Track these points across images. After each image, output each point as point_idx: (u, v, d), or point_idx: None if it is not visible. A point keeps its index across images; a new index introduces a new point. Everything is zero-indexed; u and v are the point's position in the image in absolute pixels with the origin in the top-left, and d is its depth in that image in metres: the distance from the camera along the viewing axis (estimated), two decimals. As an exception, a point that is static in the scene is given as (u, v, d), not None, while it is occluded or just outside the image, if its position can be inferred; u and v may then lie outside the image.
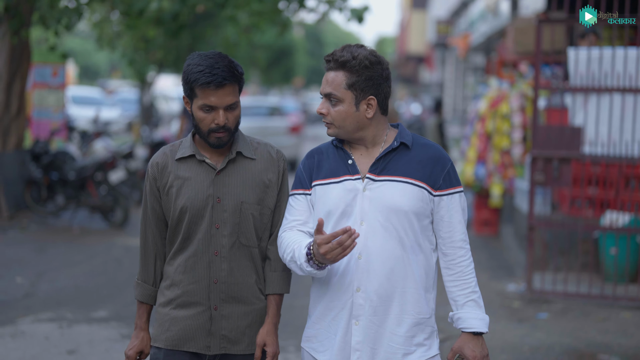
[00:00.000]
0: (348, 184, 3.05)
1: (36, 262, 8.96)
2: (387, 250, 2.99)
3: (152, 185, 3.29)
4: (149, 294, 3.34)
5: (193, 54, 3.21)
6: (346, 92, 3.01)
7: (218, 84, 3.08)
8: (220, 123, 3.12)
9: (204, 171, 3.23)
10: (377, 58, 3.02)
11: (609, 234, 8.03)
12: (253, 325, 3.27)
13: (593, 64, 7.69)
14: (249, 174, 3.25)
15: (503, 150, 10.95)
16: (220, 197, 3.21)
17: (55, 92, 15.55)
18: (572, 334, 6.73)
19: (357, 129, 3.05)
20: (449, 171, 3.07)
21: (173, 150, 3.31)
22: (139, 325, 3.34)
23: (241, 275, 3.24)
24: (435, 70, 38.41)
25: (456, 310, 3.04)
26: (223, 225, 3.21)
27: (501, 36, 16.51)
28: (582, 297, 7.75)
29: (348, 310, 3.02)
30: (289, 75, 44.83)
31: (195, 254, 3.22)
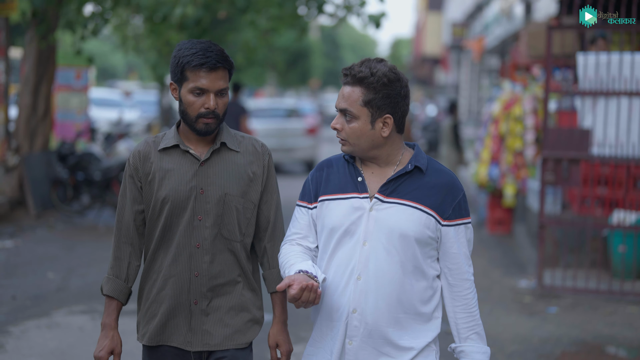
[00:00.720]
0: (355, 202, 2.98)
1: (66, 259, 9.34)
2: (388, 274, 2.93)
3: (133, 175, 3.21)
4: (120, 290, 3.23)
5: (183, 42, 3.18)
6: (362, 109, 2.92)
7: (212, 66, 3.06)
8: (210, 107, 3.08)
9: (188, 162, 3.18)
10: (396, 75, 2.93)
11: (617, 232, 8.32)
12: (233, 320, 3.21)
13: (601, 68, 7.99)
14: (233, 166, 3.21)
15: (516, 151, 11.24)
16: (204, 189, 3.16)
17: (78, 95, 15.97)
18: (580, 327, 7.05)
19: (371, 147, 2.97)
20: (460, 201, 2.99)
21: (156, 141, 3.24)
22: (107, 323, 3.22)
23: (223, 269, 3.18)
24: (451, 72, 38.67)
25: (459, 343, 3.00)
26: (206, 216, 3.15)
27: (515, 39, 16.79)
28: (591, 292, 8.05)
29: (343, 330, 2.97)
30: (306, 77, 45.22)
31: (177, 247, 3.16)
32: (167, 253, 3.17)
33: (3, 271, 8.66)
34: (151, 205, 3.17)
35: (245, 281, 3.23)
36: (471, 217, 3.14)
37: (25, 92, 12.46)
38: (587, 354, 6.43)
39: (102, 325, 3.20)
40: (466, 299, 2.98)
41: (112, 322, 3.20)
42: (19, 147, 12.29)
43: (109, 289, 3.22)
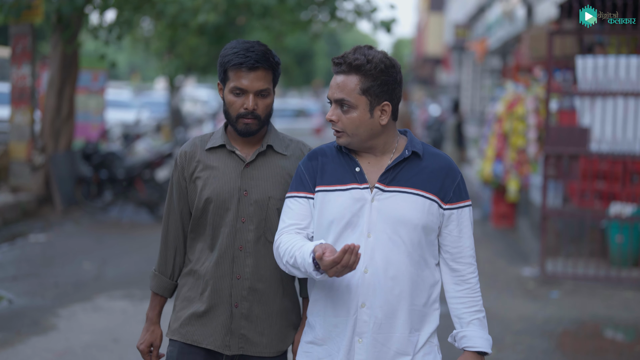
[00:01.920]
0: (356, 193, 2.89)
1: (98, 251, 9.94)
2: (395, 265, 2.85)
3: (180, 175, 3.22)
4: (165, 287, 3.28)
5: (231, 41, 3.16)
6: (360, 98, 2.84)
7: (251, 65, 3.02)
8: (249, 108, 3.05)
9: (233, 162, 3.16)
10: (391, 61, 2.87)
11: (614, 223, 8.93)
12: (273, 326, 3.18)
13: (599, 70, 8.59)
14: (278, 169, 3.17)
15: (519, 148, 11.84)
16: (248, 190, 3.13)
17: (96, 97, 16.60)
18: (579, 309, 7.66)
19: (370, 136, 2.90)
20: (459, 184, 2.94)
21: (203, 140, 3.24)
22: (150, 317, 3.29)
23: (265, 273, 3.15)
24: (452, 72, 39.21)
25: (460, 328, 2.94)
26: (249, 219, 3.12)
27: (517, 41, 17.39)
28: (590, 279, 8.65)
29: (351, 327, 2.88)
30: (310, 78, 45.89)
31: (220, 248, 3.14)
32: (209, 254, 3.16)
33: (41, 262, 9.28)
34: (195, 204, 3.17)
35: (285, 286, 3.21)
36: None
37: (50, 95, 13.06)
38: (586, 332, 7.06)
39: (146, 316, 3.30)
40: (470, 283, 2.93)
41: (154, 316, 3.28)
42: (44, 146, 12.89)
43: (154, 285, 3.29)
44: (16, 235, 10.71)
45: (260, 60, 3.04)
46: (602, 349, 6.63)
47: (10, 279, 8.35)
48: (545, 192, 8.95)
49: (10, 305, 7.39)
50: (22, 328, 6.66)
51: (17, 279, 8.37)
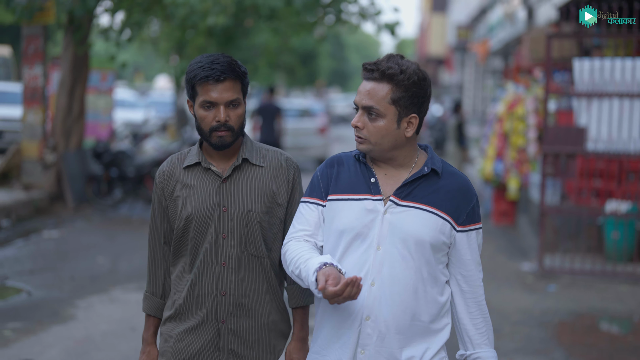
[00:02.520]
0: (368, 204, 2.87)
1: (110, 246, 10.27)
2: (403, 280, 2.83)
3: (160, 195, 3.21)
4: (157, 307, 3.25)
5: (195, 57, 3.18)
6: (389, 107, 2.81)
7: (217, 77, 3.03)
8: (221, 119, 3.04)
9: (210, 179, 3.14)
10: (423, 74, 2.85)
11: (610, 220, 9.23)
12: (262, 339, 3.18)
13: (595, 72, 8.90)
14: (256, 182, 3.15)
15: (519, 148, 12.15)
16: (227, 206, 3.11)
17: (104, 97, 16.94)
18: (576, 302, 7.98)
19: (393, 147, 2.87)
20: (474, 206, 2.93)
21: (180, 159, 3.23)
22: (145, 339, 3.27)
23: (251, 287, 3.14)
24: (455, 73, 39.52)
25: (473, 350, 2.93)
26: (230, 234, 3.11)
27: (518, 43, 17.69)
28: (586, 273, 8.96)
29: (355, 339, 2.86)
30: (313, 78, 46.18)
31: (202, 266, 3.13)
32: (193, 272, 3.14)
33: (56, 257, 9.60)
34: (176, 223, 3.16)
35: (273, 298, 3.20)
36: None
37: (61, 94, 13.39)
38: (581, 323, 7.37)
39: (142, 338, 3.28)
40: (480, 304, 2.93)
41: (149, 337, 3.26)
42: (56, 145, 13.22)
43: (146, 307, 3.27)
44: (30, 232, 11.04)
45: (226, 71, 3.04)
46: (596, 339, 6.95)
47: (28, 273, 8.68)
48: (543, 190, 9.26)
49: (30, 297, 7.72)
50: (43, 318, 6.99)
51: (34, 273, 8.70)
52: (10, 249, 9.98)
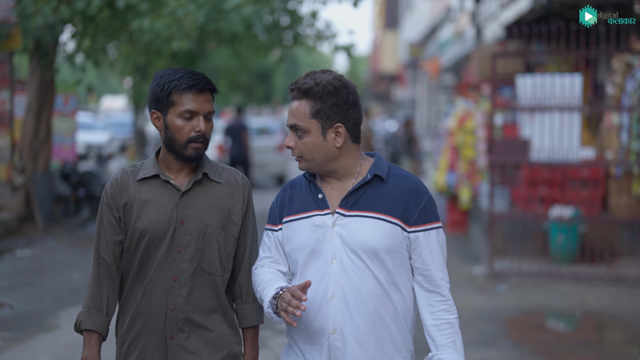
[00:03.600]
0: (317, 220, 2.90)
1: (83, 262, 10.71)
2: (362, 290, 2.85)
3: (110, 205, 3.12)
4: (102, 323, 3.11)
5: (162, 71, 3.12)
6: (311, 122, 2.85)
7: (201, 88, 3.02)
8: (202, 130, 3.02)
9: (168, 192, 3.10)
10: (342, 82, 2.87)
11: (555, 224, 9.92)
12: (215, 356, 3.13)
13: (537, 88, 9.61)
14: (213, 198, 3.13)
15: (470, 160, 12.84)
16: (184, 220, 3.08)
17: (67, 119, 17.31)
18: (523, 300, 8.63)
19: (327, 160, 2.89)
20: (426, 205, 2.90)
21: (134, 171, 3.15)
22: (91, 356, 3.08)
23: (201, 303, 3.10)
24: (408, 89, 40.37)
25: (436, 352, 2.89)
26: (185, 249, 3.08)
27: (467, 60, 18.47)
28: (534, 274, 9.63)
29: (326, 353, 2.89)
30: (269, 96, 46.84)
31: (153, 280, 3.08)
32: (143, 286, 3.09)
33: (33, 273, 10.04)
34: (128, 236, 3.10)
35: (223, 316, 3.17)
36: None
37: (28, 118, 13.79)
38: (528, 318, 8.04)
39: (83, 358, 3.08)
40: (445, 305, 2.90)
41: (94, 354, 3.09)
42: (24, 167, 13.62)
43: (90, 324, 3.10)
44: (3, 251, 11.43)
45: (208, 83, 3.06)
46: (542, 332, 7.61)
47: (7, 289, 9.11)
48: (492, 198, 9.93)
49: (12, 311, 8.16)
50: (29, 328, 7.45)
51: (13, 288, 9.14)
52: (-14, 268, 10.40)
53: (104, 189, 3.16)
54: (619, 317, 8.06)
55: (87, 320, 3.12)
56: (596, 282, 9.27)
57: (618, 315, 8.11)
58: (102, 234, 3.15)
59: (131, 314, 3.12)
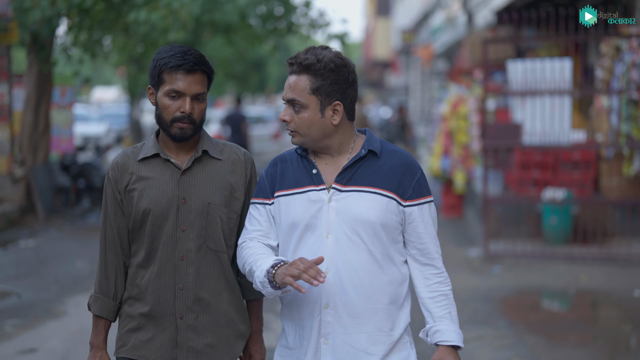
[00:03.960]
0: (312, 195, 2.90)
1: (86, 252, 10.92)
2: (356, 264, 2.86)
3: (113, 188, 3.12)
4: (109, 309, 3.14)
5: (163, 46, 3.11)
6: (310, 98, 2.86)
7: (189, 68, 2.98)
8: (186, 111, 2.99)
9: (169, 171, 3.09)
10: (343, 61, 2.89)
11: (548, 206, 10.14)
12: (222, 337, 3.13)
13: (528, 73, 9.81)
14: (215, 175, 3.12)
15: (464, 144, 13.04)
16: (186, 198, 3.07)
17: (64, 111, 17.47)
18: (517, 280, 8.86)
19: (322, 136, 2.91)
20: (419, 180, 2.94)
21: (135, 152, 3.15)
22: (96, 344, 3.13)
23: (209, 282, 3.10)
24: (401, 75, 40.52)
25: (433, 323, 2.92)
26: (189, 227, 3.06)
27: (459, 46, 18.64)
28: (527, 255, 9.85)
29: (317, 329, 2.89)
30: (263, 85, 46.97)
31: (160, 259, 3.07)
32: (150, 266, 3.09)
33: (37, 263, 10.24)
34: (132, 217, 3.10)
35: (231, 294, 3.16)
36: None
37: (27, 111, 13.96)
38: (522, 297, 8.27)
39: (90, 344, 3.14)
40: (440, 277, 2.94)
41: (100, 342, 3.13)
42: (24, 160, 13.80)
43: (97, 309, 3.14)
44: (6, 242, 11.63)
45: (199, 63, 3.01)
46: (536, 310, 7.83)
47: (13, 278, 9.32)
48: (486, 182, 10.14)
49: (20, 299, 8.37)
50: (37, 315, 7.66)
51: (19, 278, 9.34)
52: (-9, 258, 10.60)
53: (107, 172, 3.15)
54: (611, 295, 8.29)
55: (94, 305, 3.15)
56: (589, 262, 9.49)
57: (611, 293, 8.34)
58: (107, 218, 3.15)
59: (138, 294, 3.11)
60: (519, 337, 6.79)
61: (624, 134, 9.52)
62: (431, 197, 2.97)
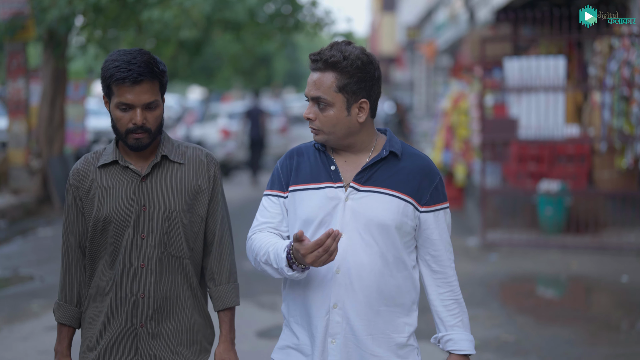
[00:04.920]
0: (329, 192, 2.85)
1: (102, 240, 11.45)
2: (368, 266, 2.82)
3: (74, 195, 3.07)
4: (73, 316, 3.11)
5: (114, 51, 2.99)
6: (337, 96, 2.78)
7: (134, 80, 2.88)
8: (137, 122, 2.91)
9: (128, 178, 3.03)
10: (368, 57, 2.81)
11: (543, 198, 10.63)
12: (185, 342, 3.08)
13: (523, 70, 10.30)
14: (176, 180, 3.06)
15: (464, 139, 13.53)
16: (146, 205, 3.02)
17: (77, 106, 17.97)
18: (513, 266, 9.36)
19: (347, 135, 2.84)
20: (437, 186, 2.89)
21: (95, 158, 3.09)
22: (60, 351, 3.11)
23: (170, 289, 3.05)
24: (406, 70, 40.96)
25: (445, 332, 2.91)
26: (150, 234, 3.01)
27: (461, 43, 19.12)
28: (523, 244, 10.35)
29: (324, 328, 2.84)
30: (270, 80, 47.44)
31: (120, 267, 3.01)
32: (110, 274, 3.04)
33: (56, 250, 10.61)
34: (91, 224, 3.04)
35: (194, 301, 3.11)
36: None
37: (44, 105, 14.50)
38: (517, 282, 8.79)
39: (54, 351, 3.12)
40: (452, 285, 2.93)
41: (64, 349, 3.12)
42: (40, 152, 14.33)
43: (60, 316, 3.12)
44: (25, 230, 12.17)
45: (144, 73, 2.90)
46: (528, 294, 8.34)
47: (35, 263, 9.85)
48: (483, 174, 10.64)
49: (43, 282, 8.89)
50: (60, 296, 8.17)
51: (40, 263, 9.87)
52: (12, 245, 11.14)
53: (68, 179, 3.11)
54: (600, 280, 8.79)
55: (57, 313, 3.12)
56: (581, 251, 9.98)
57: (599, 279, 8.83)
58: (69, 224, 3.10)
59: (98, 303, 3.07)
60: (510, 318, 7.30)
61: (616, 128, 10.00)
62: (447, 204, 2.95)
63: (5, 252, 10.67)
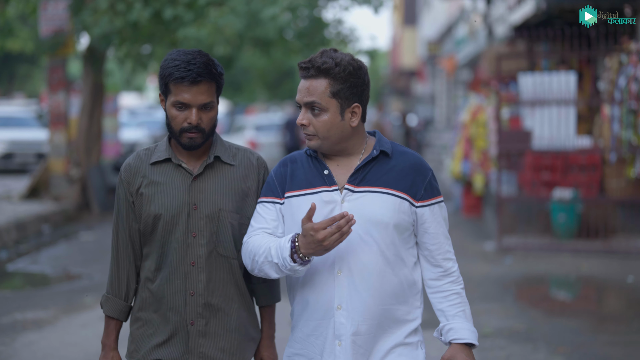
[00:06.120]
0: (325, 196, 2.89)
1: (141, 243, 12.20)
2: (369, 265, 2.85)
3: (125, 190, 3.10)
4: (120, 310, 3.14)
5: (171, 51, 3.03)
6: (330, 101, 2.85)
7: (192, 80, 2.92)
8: (192, 122, 2.95)
9: (180, 176, 3.06)
10: (358, 63, 2.88)
11: (556, 205, 11.29)
12: (232, 341, 3.12)
13: (537, 84, 10.99)
14: (227, 181, 3.08)
15: (482, 150, 14.20)
16: (197, 204, 3.04)
17: (110, 118, 18.83)
18: (527, 268, 10.04)
19: (341, 139, 2.90)
20: (430, 180, 2.94)
21: (148, 154, 3.12)
22: (107, 344, 3.15)
23: (219, 288, 3.07)
24: (427, 84, 41.59)
25: (446, 322, 2.93)
26: (200, 233, 3.04)
27: (480, 58, 19.82)
28: (537, 248, 11.01)
29: (330, 330, 2.88)
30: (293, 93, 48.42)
31: (171, 265, 3.05)
32: (161, 272, 3.08)
33: (99, 252, 11.52)
34: (142, 221, 3.08)
35: (241, 300, 3.14)
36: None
37: (83, 117, 15.33)
38: (530, 281, 9.48)
39: (102, 344, 3.16)
40: (452, 276, 2.96)
41: (111, 342, 3.15)
42: (79, 161, 15.15)
43: (108, 309, 3.15)
44: (68, 234, 12.96)
45: (203, 74, 2.95)
46: (540, 290, 9.04)
47: (81, 263, 10.61)
48: (499, 182, 11.33)
49: (92, 280, 9.65)
50: (110, 292, 8.92)
51: (87, 264, 10.63)
52: (58, 248, 11.93)
53: (119, 174, 3.14)
54: (607, 280, 9.46)
55: (105, 305, 3.17)
56: (592, 255, 10.63)
57: (606, 279, 9.50)
58: (119, 220, 3.14)
59: (149, 299, 3.11)
60: (522, 310, 7.99)
61: (625, 140, 10.65)
62: (441, 198, 2.99)
63: (52, 254, 11.46)
